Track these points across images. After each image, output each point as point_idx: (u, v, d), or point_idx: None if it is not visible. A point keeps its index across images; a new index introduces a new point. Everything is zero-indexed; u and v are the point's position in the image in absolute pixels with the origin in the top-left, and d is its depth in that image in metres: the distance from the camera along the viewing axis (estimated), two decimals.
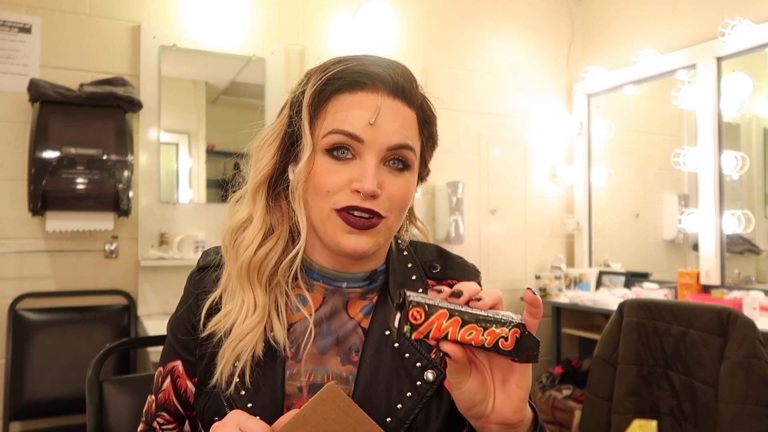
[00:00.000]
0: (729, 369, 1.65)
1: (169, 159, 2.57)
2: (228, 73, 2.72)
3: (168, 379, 0.81)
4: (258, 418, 0.66)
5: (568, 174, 3.36)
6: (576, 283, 3.15)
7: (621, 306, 1.98)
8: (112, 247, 2.33)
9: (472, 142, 3.12)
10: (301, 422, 0.63)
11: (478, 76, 3.15)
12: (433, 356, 0.74)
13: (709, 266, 2.62)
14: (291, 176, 0.76)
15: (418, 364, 0.74)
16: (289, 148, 0.75)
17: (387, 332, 0.75)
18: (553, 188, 3.37)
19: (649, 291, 2.73)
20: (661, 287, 2.75)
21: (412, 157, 0.73)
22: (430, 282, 0.80)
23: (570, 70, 3.39)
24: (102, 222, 2.24)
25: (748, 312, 2.18)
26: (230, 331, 0.74)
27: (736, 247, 2.65)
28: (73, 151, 2.12)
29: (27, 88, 2.16)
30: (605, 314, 2.62)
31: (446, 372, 0.60)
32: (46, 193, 2.09)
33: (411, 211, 0.84)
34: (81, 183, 2.13)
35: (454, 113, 3.06)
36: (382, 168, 0.71)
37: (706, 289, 2.61)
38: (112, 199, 2.18)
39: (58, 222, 2.18)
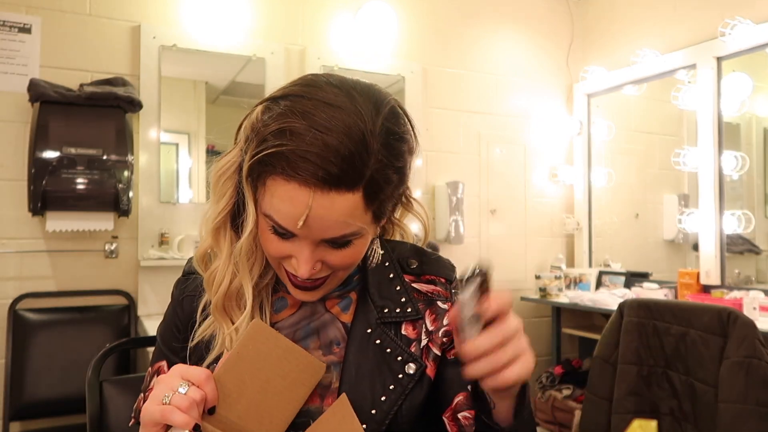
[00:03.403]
0: (729, 369, 1.65)
1: (169, 159, 2.57)
2: (228, 73, 2.72)
3: (155, 379, 0.83)
4: (198, 366, 0.69)
5: (568, 174, 3.36)
6: (576, 283, 3.15)
7: (621, 306, 1.98)
8: (112, 247, 2.33)
9: (472, 142, 3.12)
10: (236, 360, 0.67)
11: (478, 76, 3.15)
12: (413, 350, 0.77)
13: (709, 266, 2.62)
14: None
15: (399, 358, 0.77)
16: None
17: (369, 330, 0.78)
18: (553, 188, 3.37)
19: (649, 291, 2.73)
20: (661, 287, 2.75)
21: (354, 237, 0.70)
22: (407, 278, 0.82)
23: (570, 70, 3.39)
24: (102, 222, 2.24)
25: (748, 312, 2.17)
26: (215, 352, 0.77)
27: (736, 247, 2.65)
28: (73, 151, 2.12)
29: (27, 88, 2.16)
30: (605, 314, 2.62)
31: None
32: (46, 193, 2.09)
33: (408, 197, 0.82)
34: (81, 183, 2.13)
35: (454, 113, 3.06)
36: (322, 245, 0.70)
37: (706, 289, 2.61)
38: (112, 199, 2.18)
39: (58, 222, 2.18)
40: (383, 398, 0.74)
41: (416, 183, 2.92)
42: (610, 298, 2.66)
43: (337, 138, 0.63)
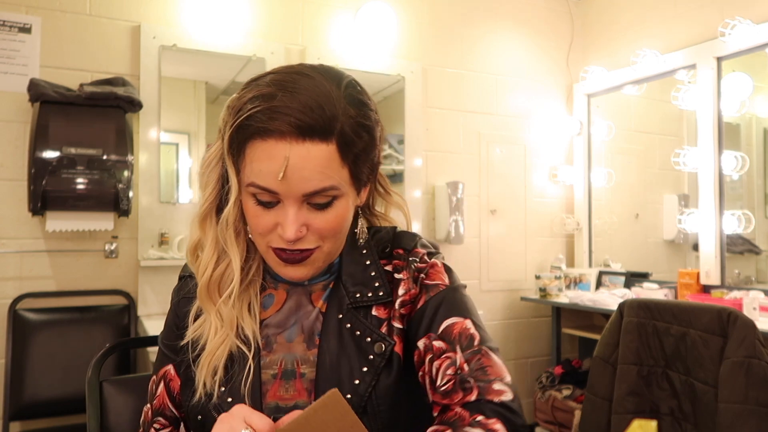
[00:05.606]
0: (729, 369, 1.65)
1: (169, 159, 2.57)
2: (228, 73, 2.72)
3: (161, 385, 0.85)
4: (261, 413, 0.68)
5: (568, 174, 3.36)
6: (576, 283, 3.15)
7: (621, 306, 1.98)
8: (112, 247, 2.33)
9: (472, 142, 3.12)
10: (303, 423, 0.66)
11: (478, 76, 3.15)
12: (383, 330, 0.78)
13: (709, 266, 2.62)
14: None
15: (369, 339, 0.78)
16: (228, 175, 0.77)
17: (340, 315, 0.79)
18: (553, 188, 3.37)
19: (649, 291, 2.73)
20: (661, 287, 2.75)
21: (334, 193, 0.73)
22: (382, 262, 0.83)
23: (570, 70, 3.39)
24: (102, 222, 2.24)
25: (748, 312, 2.18)
26: (203, 345, 0.79)
27: (736, 247, 2.65)
28: (73, 151, 2.12)
29: (27, 88, 2.16)
30: (605, 314, 2.62)
31: None
32: (46, 193, 2.09)
33: (385, 188, 0.87)
34: (81, 183, 2.13)
35: (454, 113, 3.06)
36: (306, 208, 0.73)
37: (706, 289, 2.61)
38: (112, 199, 2.18)
39: (58, 222, 2.18)
40: (357, 381, 0.75)
41: (416, 183, 2.93)
42: (610, 298, 2.66)
43: (305, 94, 0.69)
